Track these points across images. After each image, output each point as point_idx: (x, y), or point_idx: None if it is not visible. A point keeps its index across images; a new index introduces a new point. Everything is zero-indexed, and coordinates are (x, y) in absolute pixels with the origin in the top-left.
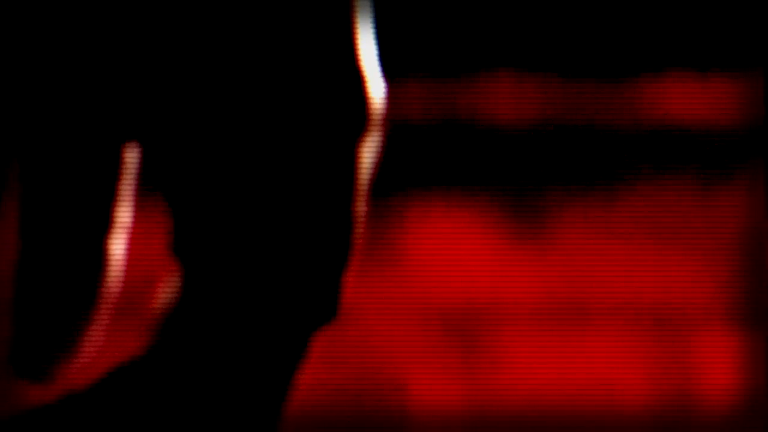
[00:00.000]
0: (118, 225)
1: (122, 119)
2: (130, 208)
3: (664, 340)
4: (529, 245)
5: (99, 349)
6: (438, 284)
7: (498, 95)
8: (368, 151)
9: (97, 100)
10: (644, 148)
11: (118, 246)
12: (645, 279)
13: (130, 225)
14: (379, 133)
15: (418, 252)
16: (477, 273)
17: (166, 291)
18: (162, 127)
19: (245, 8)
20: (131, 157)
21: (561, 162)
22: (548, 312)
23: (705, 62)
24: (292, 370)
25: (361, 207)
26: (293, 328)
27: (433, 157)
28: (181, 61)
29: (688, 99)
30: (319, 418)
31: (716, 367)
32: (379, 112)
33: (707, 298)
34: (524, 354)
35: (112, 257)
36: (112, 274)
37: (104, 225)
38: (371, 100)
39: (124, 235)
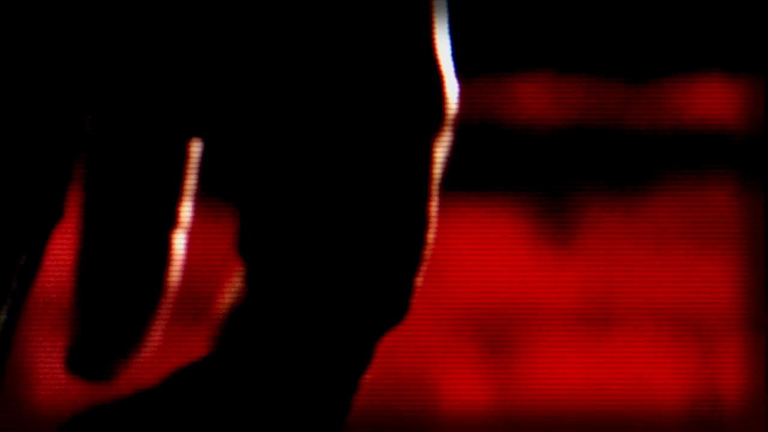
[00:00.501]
0: (182, 222)
1: (189, 113)
2: (193, 206)
3: (696, 343)
4: (559, 247)
5: (160, 349)
6: (467, 286)
7: (525, 96)
8: (442, 149)
9: (165, 94)
10: (681, 150)
11: (181, 243)
12: (675, 282)
13: (193, 223)
14: (452, 132)
15: (448, 253)
16: (506, 275)
17: (231, 292)
18: (231, 124)
19: (324, 4)
20: (196, 153)
21: (589, 164)
22: (578, 314)
23: (721, 64)
24: (359, 372)
25: (433, 205)
26: (363, 329)
27: (463, 158)
28: (253, 55)
29: (728, 100)
30: (350, 419)
31: (745, 370)
32: (453, 109)
33: (738, 301)
34: (554, 356)
35: (175, 255)
36: (175, 272)
37: (168, 222)
38: (447, 98)
39: (187, 233)
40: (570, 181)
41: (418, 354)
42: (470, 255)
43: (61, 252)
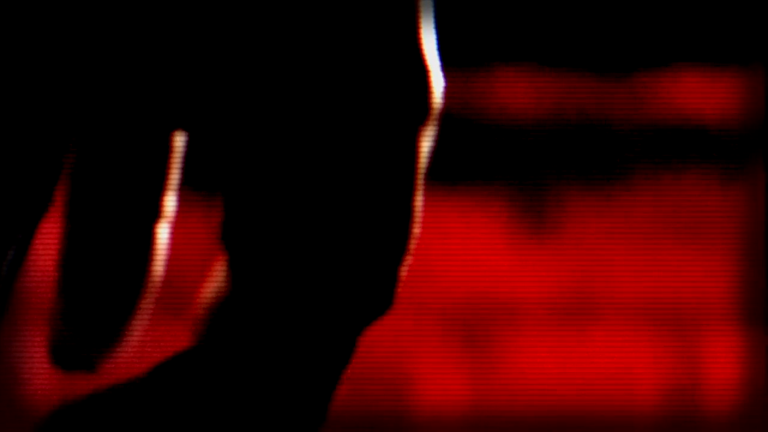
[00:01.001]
0: (165, 214)
1: (173, 105)
2: (176, 197)
3: (678, 338)
4: (540, 241)
5: (144, 340)
6: (446, 280)
7: (505, 90)
8: (426, 142)
9: (148, 85)
10: (660, 143)
11: (165, 235)
12: (658, 276)
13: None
14: (436, 125)
15: (427, 247)
16: (486, 269)
17: (214, 284)
18: (215, 116)
19: None
20: (180, 145)
21: (570, 158)
22: (559, 309)
23: (723, 56)
24: (341, 364)
25: (418, 197)
26: (346, 321)
27: (443, 152)
28: (237, 48)
29: (706, 93)
30: (331, 412)
31: (729, 366)
32: (439, 102)
33: (720, 296)
34: (534, 350)
35: (159, 246)
36: (159, 263)
37: (152, 214)
38: (433, 90)
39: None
40: (551, 174)
41: (397, 349)
42: (449, 249)
43: (47, 245)
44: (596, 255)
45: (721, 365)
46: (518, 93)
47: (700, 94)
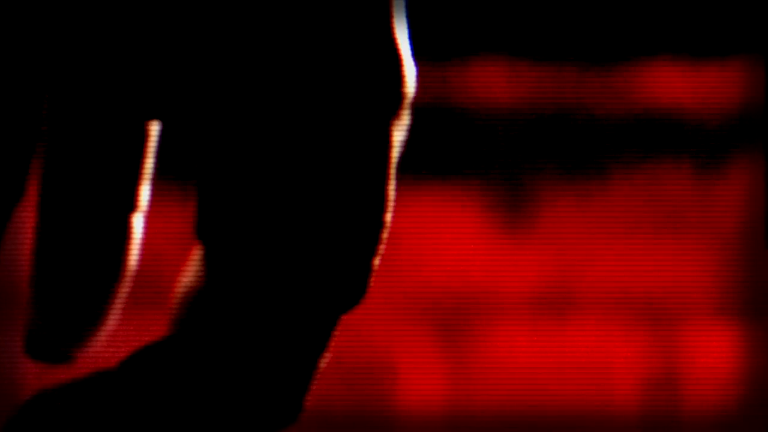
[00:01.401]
0: (140, 204)
1: (147, 94)
2: (151, 188)
3: (659, 333)
4: (517, 234)
5: (117, 331)
6: (421, 273)
7: (480, 81)
8: (399, 132)
9: (122, 74)
10: (639, 136)
11: (139, 226)
12: (640, 270)
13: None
14: (409, 114)
15: (401, 239)
16: (462, 262)
17: (188, 274)
18: (189, 105)
19: None
20: (155, 134)
21: (553, 150)
22: (537, 302)
23: (704, 47)
24: (316, 355)
25: (391, 187)
26: (319, 311)
27: (418, 143)
28: (210, 37)
29: (685, 85)
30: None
31: (711, 360)
32: (411, 92)
33: (703, 290)
34: (511, 344)
35: (133, 237)
36: (133, 254)
37: (127, 203)
38: (405, 80)
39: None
40: (529, 168)
41: (372, 342)
42: (425, 241)
43: (20, 235)
44: (575, 249)
45: (702, 360)
46: (495, 85)
47: (672, 86)
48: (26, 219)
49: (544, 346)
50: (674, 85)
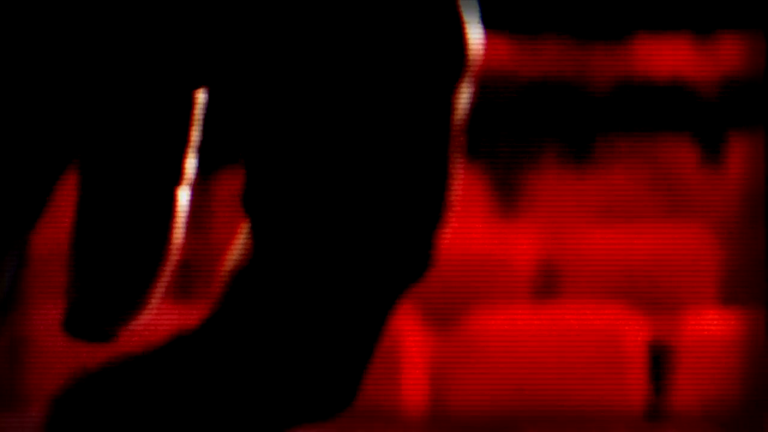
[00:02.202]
0: (186, 176)
1: (198, 61)
2: (197, 160)
3: (654, 314)
4: (511, 213)
5: (161, 308)
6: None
7: (486, 56)
8: (463, 98)
9: (171, 45)
10: (640, 112)
11: (185, 199)
12: (629, 249)
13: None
14: (473, 81)
15: None
16: (456, 242)
17: (236, 249)
18: (241, 71)
19: None
20: (201, 104)
21: (552, 127)
22: (530, 282)
23: (705, 24)
24: (374, 337)
25: (456, 155)
26: (380, 285)
27: None
28: (261, 3)
29: (686, 60)
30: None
31: (702, 341)
32: (476, 58)
33: (694, 270)
34: (504, 325)
35: (179, 210)
36: (179, 229)
37: (173, 176)
38: (469, 46)
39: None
40: (525, 144)
41: None
42: None
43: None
44: (575, 229)
45: (695, 341)
46: (493, 60)
47: (683, 62)
48: (68, 199)
49: (537, 327)
50: (675, 60)
